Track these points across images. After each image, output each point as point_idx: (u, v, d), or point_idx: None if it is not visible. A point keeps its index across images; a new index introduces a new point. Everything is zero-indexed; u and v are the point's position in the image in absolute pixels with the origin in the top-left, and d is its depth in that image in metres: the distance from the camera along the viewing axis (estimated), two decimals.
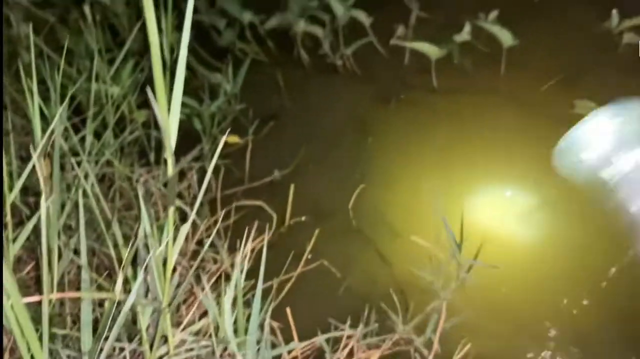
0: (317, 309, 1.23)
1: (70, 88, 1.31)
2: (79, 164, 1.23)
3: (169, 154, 0.75)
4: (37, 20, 1.91)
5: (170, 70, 1.45)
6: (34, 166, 0.86)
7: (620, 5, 1.67)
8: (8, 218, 0.89)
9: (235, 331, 0.94)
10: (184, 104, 1.65)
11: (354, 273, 1.33)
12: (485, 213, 1.38)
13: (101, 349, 0.85)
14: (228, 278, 1.30)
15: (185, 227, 0.83)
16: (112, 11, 2.04)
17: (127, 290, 0.93)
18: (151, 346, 0.91)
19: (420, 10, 2.01)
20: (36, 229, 0.93)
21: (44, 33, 1.88)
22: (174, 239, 0.83)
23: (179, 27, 2.17)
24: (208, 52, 2.10)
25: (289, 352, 1.08)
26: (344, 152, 1.69)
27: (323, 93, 1.92)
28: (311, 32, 2.00)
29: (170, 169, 0.76)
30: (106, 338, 0.83)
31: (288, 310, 1.13)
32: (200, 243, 1.41)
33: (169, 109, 0.73)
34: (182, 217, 1.46)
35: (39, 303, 0.83)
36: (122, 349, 0.96)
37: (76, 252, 1.02)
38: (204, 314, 1.13)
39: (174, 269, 1.03)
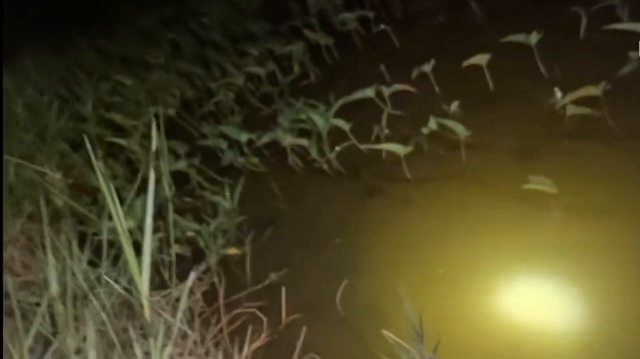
0: None
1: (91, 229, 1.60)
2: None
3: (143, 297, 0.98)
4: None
5: (168, 201, 1.72)
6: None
7: (562, 82, 1.86)
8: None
9: None
10: (187, 227, 1.92)
11: None
12: (463, 302, 1.51)
13: None
14: None
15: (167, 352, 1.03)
16: (129, 149, 2.40)
17: None
18: None
19: (392, 108, 2.26)
20: None
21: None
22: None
23: (190, 154, 2.49)
24: (214, 170, 2.40)
25: None
26: (333, 249, 1.88)
27: (314, 195, 2.16)
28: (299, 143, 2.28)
29: (147, 312, 0.98)
30: None
31: None
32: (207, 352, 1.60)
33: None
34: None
35: None
36: None
37: None
38: None
39: None
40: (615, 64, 1.81)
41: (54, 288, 1.25)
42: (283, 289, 1.70)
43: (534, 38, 2.01)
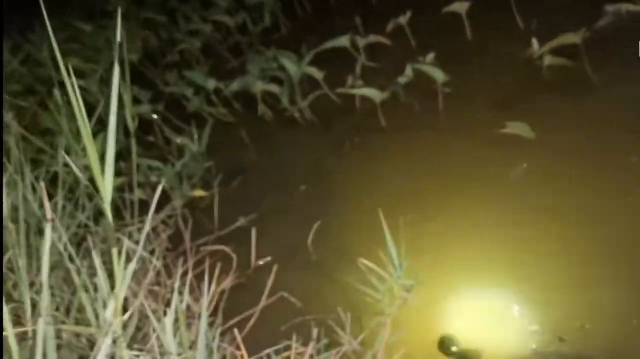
0: (277, 335, 1.32)
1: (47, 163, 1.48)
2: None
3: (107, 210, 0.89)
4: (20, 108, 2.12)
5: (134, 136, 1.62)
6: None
7: (538, 33, 1.85)
8: None
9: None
10: (151, 167, 1.82)
11: (312, 301, 1.43)
12: (432, 238, 1.49)
13: None
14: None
15: (131, 267, 0.95)
16: (87, 90, 2.25)
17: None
18: None
19: (367, 59, 2.21)
20: None
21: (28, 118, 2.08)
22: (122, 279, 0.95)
23: (154, 99, 2.37)
24: (179, 118, 2.29)
25: None
26: (305, 196, 1.83)
27: (285, 144, 2.09)
28: (270, 91, 2.19)
29: (109, 221, 0.90)
30: None
31: (236, 331, 1.23)
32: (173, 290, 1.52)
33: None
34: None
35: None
36: None
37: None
38: None
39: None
40: (592, 17, 1.82)
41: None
42: (253, 231, 1.63)
43: None
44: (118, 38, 1.01)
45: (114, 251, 0.93)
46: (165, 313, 1.08)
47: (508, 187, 1.53)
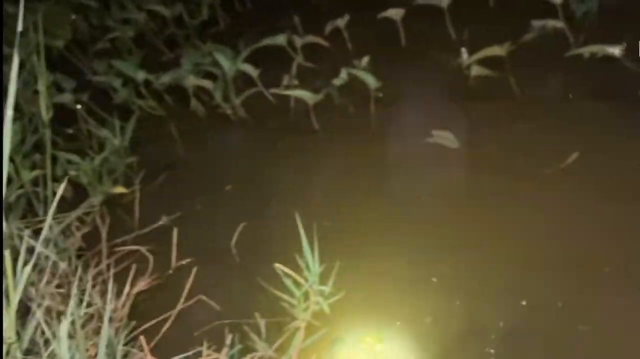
0: (193, 340, 1.28)
1: None
2: None
3: None
4: None
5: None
6: None
7: (469, 43, 1.90)
8: None
9: None
10: (70, 161, 1.72)
11: (231, 305, 1.39)
12: (353, 244, 1.49)
13: None
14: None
15: (27, 269, 0.89)
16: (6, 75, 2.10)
17: None
18: None
19: (304, 60, 2.19)
20: None
21: None
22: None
23: (79, 89, 2.26)
24: (105, 110, 2.19)
25: None
26: (232, 196, 1.78)
27: (215, 142, 2.04)
28: (203, 86, 2.13)
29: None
30: None
31: (142, 338, 1.18)
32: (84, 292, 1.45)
33: None
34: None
35: None
36: None
37: None
38: None
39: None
40: (521, 31, 1.88)
41: None
42: (174, 231, 1.57)
43: (445, 1, 2.03)
44: (20, 24, 0.94)
45: (6, 252, 0.86)
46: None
47: (430, 195, 1.56)
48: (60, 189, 0.94)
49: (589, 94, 1.71)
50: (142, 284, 1.47)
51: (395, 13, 2.00)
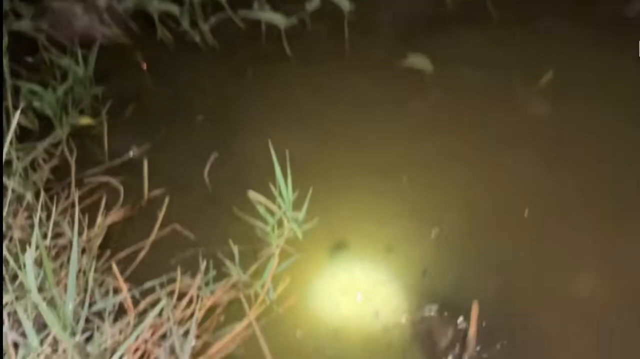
0: (168, 268, 1.29)
1: None
2: None
3: None
4: None
5: None
6: None
7: None
8: None
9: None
10: (33, 92, 1.65)
11: (205, 234, 1.40)
12: (326, 171, 1.48)
13: None
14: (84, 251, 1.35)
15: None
16: None
17: None
18: None
19: None
20: None
21: None
22: None
23: (38, 15, 2.11)
24: (66, 38, 2.07)
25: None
26: (202, 126, 1.74)
27: (184, 70, 1.96)
28: (170, 11, 2.02)
29: None
30: None
31: (114, 264, 1.19)
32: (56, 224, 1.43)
33: None
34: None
35: None
36: None
37: None
38: None
39: None
40: None
41: None
42: (145, 162, 1.54)
43: None
44: None
45: None
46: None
47: (405, 121, 1.55)
48: (16, 117, 0.89)
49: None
50: (115, 216, 1.45)
51: None
